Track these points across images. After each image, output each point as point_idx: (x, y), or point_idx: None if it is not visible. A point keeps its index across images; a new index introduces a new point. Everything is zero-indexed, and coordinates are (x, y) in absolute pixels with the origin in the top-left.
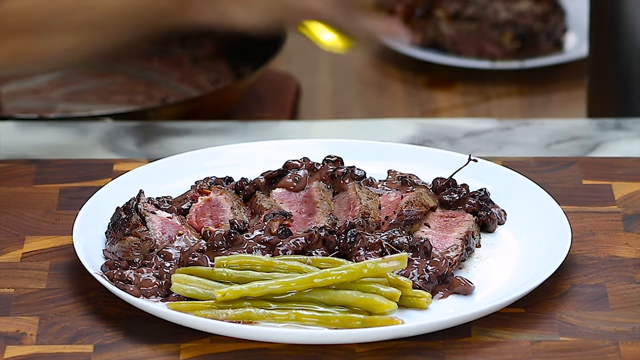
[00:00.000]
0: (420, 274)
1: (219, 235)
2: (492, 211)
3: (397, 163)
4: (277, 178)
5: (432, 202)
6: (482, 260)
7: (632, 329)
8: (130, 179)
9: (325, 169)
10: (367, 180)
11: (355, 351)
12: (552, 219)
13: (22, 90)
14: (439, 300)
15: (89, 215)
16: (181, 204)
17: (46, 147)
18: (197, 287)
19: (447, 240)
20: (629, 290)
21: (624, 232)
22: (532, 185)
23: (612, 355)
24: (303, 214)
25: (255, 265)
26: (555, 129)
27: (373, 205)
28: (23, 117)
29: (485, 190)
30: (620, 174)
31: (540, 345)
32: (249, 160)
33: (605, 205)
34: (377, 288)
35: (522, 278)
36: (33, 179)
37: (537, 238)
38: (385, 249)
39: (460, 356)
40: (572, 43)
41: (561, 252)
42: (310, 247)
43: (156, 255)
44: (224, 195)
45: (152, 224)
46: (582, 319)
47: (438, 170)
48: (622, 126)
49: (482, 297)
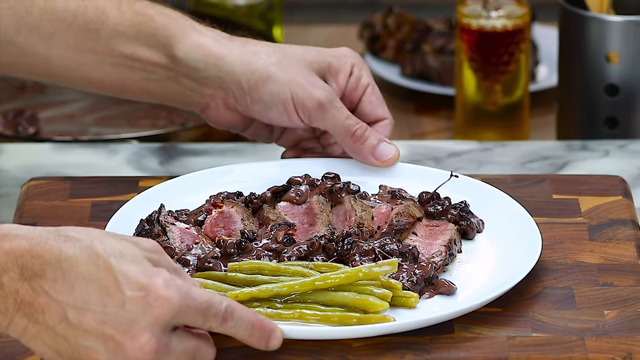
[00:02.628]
0: (409, 276)
1: (231, 243)
2: (472, 221)
3: (388, 179)
4: (282, 192)
5: (419, 213)
6: (463, 264)
7: (596, 325)
8: (153, 194)
9: (324, 185)
10: (361, 194)
11: (352, 345)
12: (525, 228)
13: (58, 115)
14: (425, 300)
15: (116, 227)
16: (197, 215)
17: (79, 165)
18: (212, 289)
19: (432, 247)
20: (593, 292)
21: (589, 241)
22: (508, 198)
23: (579, 349)
24: (305, 224)
25: (264, 270)
26: (529, 150)
27: (367, 216)
28: (59, 140)
29: (465, 202)
30: (586, 189)
31: (515, 341)
32: (257, 176)
33: (573, 217)
34: (371, 290)
35: (498, 280)
36: (68, 194)
37: (511, 245)
38: (378, 254)
39: (445, 350)
40: (543, 74)
41: (533, 257)
42: (312, 254)
43: (176, 261)
44: (235, 208)
45: (172, 234)
46: (552, 317)
47: (424, 185)
48: (587, 147)
49: (463, 297)
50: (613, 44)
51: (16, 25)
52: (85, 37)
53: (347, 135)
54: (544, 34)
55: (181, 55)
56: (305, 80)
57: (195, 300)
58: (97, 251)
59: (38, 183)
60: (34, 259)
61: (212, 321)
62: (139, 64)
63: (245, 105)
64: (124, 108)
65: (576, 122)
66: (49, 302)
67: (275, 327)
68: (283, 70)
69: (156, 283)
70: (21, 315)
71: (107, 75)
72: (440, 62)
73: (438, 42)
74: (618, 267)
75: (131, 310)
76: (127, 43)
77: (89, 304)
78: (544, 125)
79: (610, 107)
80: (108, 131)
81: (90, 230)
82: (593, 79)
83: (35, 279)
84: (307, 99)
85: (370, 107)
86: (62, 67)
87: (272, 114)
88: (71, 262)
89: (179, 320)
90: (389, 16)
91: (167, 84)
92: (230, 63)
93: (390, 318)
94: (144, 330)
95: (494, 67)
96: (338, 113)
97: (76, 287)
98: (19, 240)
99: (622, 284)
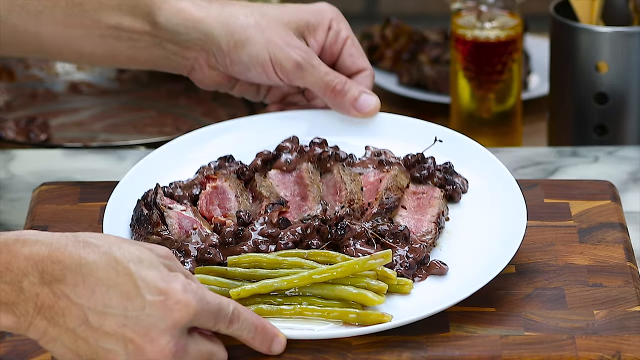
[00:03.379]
0: (402, 262)
1: (229, 232)
2: (457, 185)
3: (373, 138)
4: (272, 161)
5: (406, 179)
6: (452, 235)
7: (586, 325)
8: (145, 166)
9: (312, 152)
10: (349, 161)
11: (351, 344)
12: (508, 190)
13: (68, 123)
14: (418, 284)
15: (115, 208)
16: (191, 189)
17: (89, 171)
18: (214, 285)
19: (421, 223)
20: (583, 292)
21: (579, 243)
22: (490, 155)
23: (569, 348)
24: (296, 196)
25: (262, 263)
26: (521, 156)
27: (356, 188)
28: (69, 146)
29: (449, 163)
30: (576, 193)
31: (508, 339)
32: (245, 135)
33: (563, 221)
34: (367, 282)
35: (487, 255)
36: (78, 198)
37: (495, 208)
38: (370, 237)
39: (440, 348)
40: (535, 83)
41: (519, 231)
42: (307, 237)
43: (176, 250)
44: (228, 183)
45: (170, 220)
46: (543, 316)
47: (406, 136)
48: (577, 153)
49: (455, 276)
50: (602, 54)
51: (7, 5)
52: (71, 12)
53: (327, 90)
54: (535, 45)
55: (162, 21)
56: (283, 41)
57: (209, 303)
58: (116, 257)
59: (49, 188)
60: (54, 264)
61: (221, 323)
62: (125, 33)
63: (226, 66)
64: (131, 116)
65: (567, 129)
66: (70, 306)
67: (277, 332)
68: (261, 31)
69: (175, 288)
70: (41, 318)
71: (97, 47)
72: (436, 71)
73: (434, 52)
74: (607, 268)
75: (151, 314)
76: (112, 14)
77: (109, 307)
78: (536, 132)
79: (599, 114)
80: (116, 138)
81: (107, 236)
82: (583, 88)
83: (55, 284)
84: (285, 60)
85: (350, 59)
86: (53, 43)
87: (251, 75)
88: (91, 268)
89: (195, 323)
90: (386, 27)
91: (153, 51)
92: (210, 25)
93: (388, 317)
94: (164, 333)
95: (488, 76)
96: (316, 71)
97: (96, 292)
98: (38, 246)
99: (611, 285)
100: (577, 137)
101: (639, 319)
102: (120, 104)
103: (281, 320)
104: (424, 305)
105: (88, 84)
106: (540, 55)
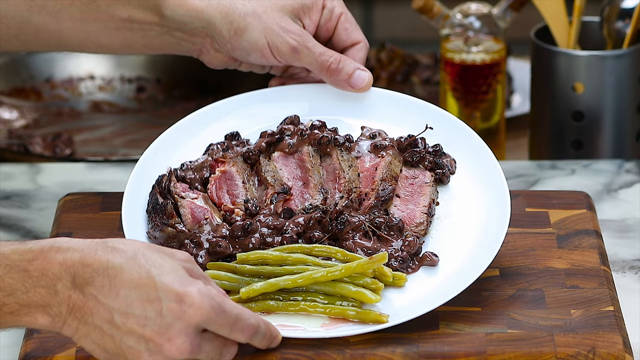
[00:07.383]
0: (396, 255)
1: (238, 227)
2: (447, 167)
3: (369, 120)
4: (275, 143)
5: (399, 163)
6: (442, 220)
7: (564, 323)
8: (158, 149)
9: (312, 135)
10: (347, 145)
11: (349, 341)
12: (493, 174)
13: (91, 138)
14: (411, 276)
15: (133, 194)
16: (202, 172)
17: (109, 182)
18: (225, 280)
19: (414, 214)
20: (561, 293)
21: (558, 249)
22: (478, 139)
23: (549, 344)
24: (298, 180)
25: (269, 260)
26: (505, 169)
27: (354, 176)
28: (92, 160)
29: (439, 146)
30: (555, 203)
31: (492, 336)
32: (246, 111)
33: (543, 228)
34: (365, 281)
35: (476, 242)
36: (99, 208)
37: (480, 190)
38: (367, 230)
39: (431, 345)
40: (518, 102)
41: (504, 220)
42: (309, 229)
43: (190, 242)
44: (235, 168)
45: (183, 210)
46: (525, 315)
47: (405, 121)
48: (556, 166)
49: (445, 266)
50: (579, 76)
51: (27, 6)
52: (87, 9)
53: (323, 70)
54: (518, 67)
55: (169, 13)
56: (279, 27)
57: (226, 311)
58: (140, 262)
59: (73, 198)
60: (84, 267)
61: (238, 334)
62: (137, 25)
63: (228, 51)
64: (148, 132)
65: (546, 144)
66: (97, 306)
67: (278, 333)
68: (258, 19)
69: (191, 291)
70: (73, 317)
71: (113, 39)
72: (426, 91)
73: (425, 74)
74: (583, 271)
75: (168, 316)
76: (123, 8)
77: (132, 308)
78: (518, 147)
79: (576, 131)
80: (135, 152)
81: (134, 242)
82: (561, 107)
83: (85, 286)
84: (281, 44)
85: (345, 33)
86: (73, 37)
87: (252, 58)
88: (117, 271)
89: (209, 326)
90: (381, 51)
91: (164, 38)
92: (211, 14)
93: (385, 318)
94: (179, 333)
95: (474, 96)
96: (311, 53)
97: (121, 293)
98: (70, 253)
99: (587, 287)
100: (556, 151)
101: (612, 318)
102: (138, 121)
103: (286, 316)
104: (416, 300)
105: (109, 103)
106: (522, 76)
